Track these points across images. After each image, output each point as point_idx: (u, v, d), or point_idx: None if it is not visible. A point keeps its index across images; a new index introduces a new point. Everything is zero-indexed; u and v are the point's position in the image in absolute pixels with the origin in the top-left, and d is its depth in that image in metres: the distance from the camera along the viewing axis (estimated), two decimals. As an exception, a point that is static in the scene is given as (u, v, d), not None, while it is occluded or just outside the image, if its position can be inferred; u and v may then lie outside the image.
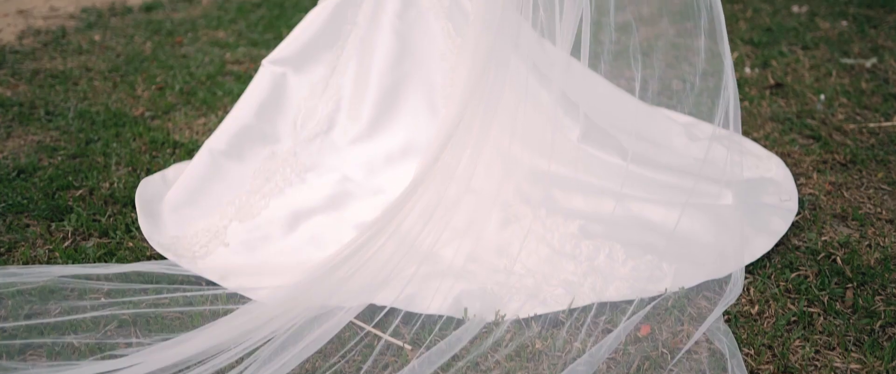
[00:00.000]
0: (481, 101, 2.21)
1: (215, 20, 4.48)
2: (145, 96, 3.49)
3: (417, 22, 2.80)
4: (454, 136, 2.20)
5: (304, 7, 4.71)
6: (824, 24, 4.55)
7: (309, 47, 2.81)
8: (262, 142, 2.70)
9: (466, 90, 2.14)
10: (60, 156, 2.92)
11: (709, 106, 3.47)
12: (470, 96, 2.15)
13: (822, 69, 3.86)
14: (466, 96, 2.14)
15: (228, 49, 4.05)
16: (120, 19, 4.50)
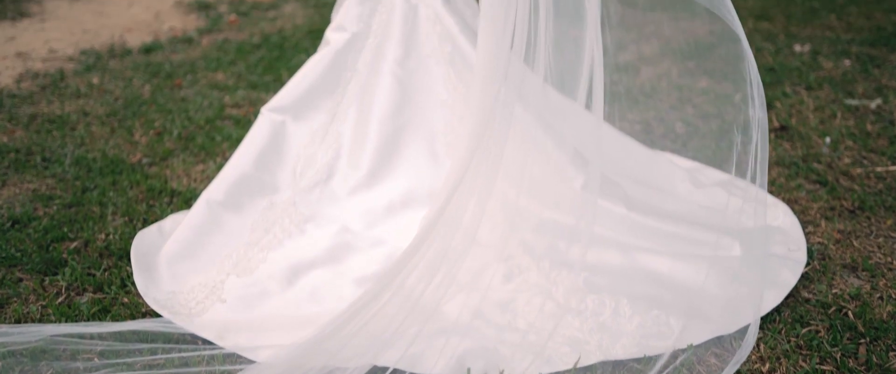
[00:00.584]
0: (487, 151, 2.17)
1: (214, 62, 4.46)
2: (143, 142, 3.46)
3: (418, 68, 2.77)
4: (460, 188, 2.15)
5: (303, 48, 4.69)
6: (827, 64, 4.52)
7: (309, 94, 2.77)
8: (260, 192, 2.65)
9: (472, 141, 2.10)
10: (56, 205, 2.88)
11: (712, 149, 3.44)
12: (476, 148, 2.11)
13: (826, 110, 3.83)
14: (472, 147, 2.10)
15: (228, 92, 4.02)
16: (119, 61, 4.48)
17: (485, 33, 2.08)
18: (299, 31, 4.99)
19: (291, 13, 5.45)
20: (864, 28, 5.24)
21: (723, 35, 5.09)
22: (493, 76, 2.09)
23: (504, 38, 2.10)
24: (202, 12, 5.39)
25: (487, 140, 2.16)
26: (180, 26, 5.13)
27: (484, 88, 2.09)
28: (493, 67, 2.08)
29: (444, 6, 2.77)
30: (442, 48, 2.75)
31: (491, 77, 2.08)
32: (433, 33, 2.76)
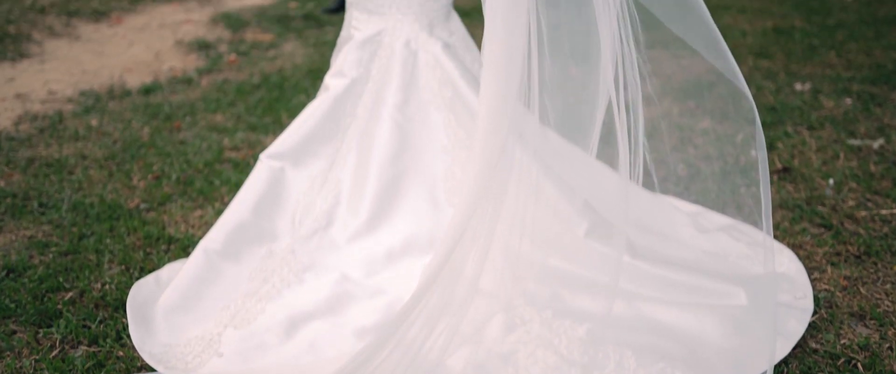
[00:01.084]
0: (490, 200, 2.14)
1: (214, 103, 4.44)
2: (141, 186, 3.43)
3: (418, 114, 2.75)
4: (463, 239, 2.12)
5: (303, 88, 4.69)
6: (828, 103, 4.51)
7: (308, 140, 2.75)
8: (259, 240, 2.62)
9: (475, 193, 2.07)
10: (52, 253, 2.85)
11: (715, 192, 3.41)
12: (479, 199, 2.08)
13: (829, 151, 3.80)
14: (475, 199, 2.07)
15: (227, 134, 4.00)
16: (118, 103, 4.46)
17: (488, 83, 2.06)
18: (299, 71, 4.99)
19: (291, 52, 5.45)
20: (864, 65, 5.24)
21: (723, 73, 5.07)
22: (498, 128, 2.06)
23: (509, 88, 2.08)
24: (202, 52, 5.39)
25: (491, 190, 2.13)
26: (180, 66, 5.13)
27: (487, 140, 2.06)
28: (497, 119, 2.06)
29: (444, 52, 2.76)
30: (442, 93, 2.74)
31: (495, 129, 2.06)
32: (433, 79, 2.74)
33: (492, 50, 2.06)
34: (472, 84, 2.73)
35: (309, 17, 6.20)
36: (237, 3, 6.64)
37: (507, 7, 2.05)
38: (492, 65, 2.09)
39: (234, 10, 6.36)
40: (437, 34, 2.80)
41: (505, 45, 2.07)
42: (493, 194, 2.12)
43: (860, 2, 7.15)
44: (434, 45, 2.76)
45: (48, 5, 5.90)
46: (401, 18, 2.76)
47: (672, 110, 4.34)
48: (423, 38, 2.77)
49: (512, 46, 2.08)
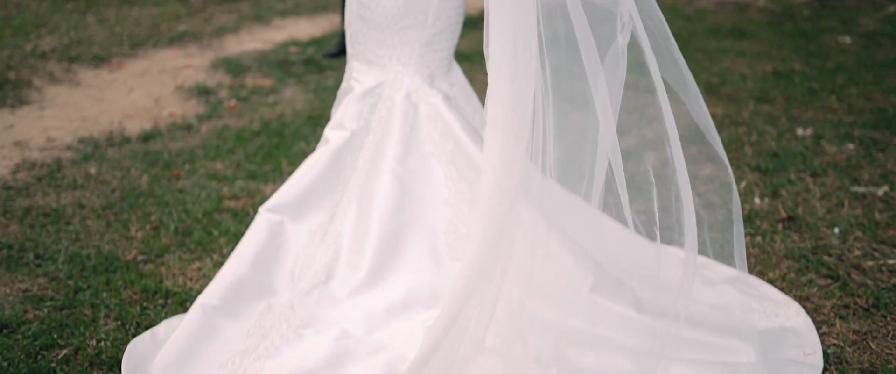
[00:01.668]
0: (497, 263, 2.11)
1: (213, 150, 4.42)
2: (139, 237, 3.39)
3: (419, 167, 2.72)
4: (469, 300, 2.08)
5: (303, 135, 4.67)
6: (831, 148, 4.49)
7: (307, 193, 2.72)
8: (257, 295, 2.58)
9: (481, 254, 2.04)
10: (47, 307, 2.80)
11: (720, 242, 3.37)
12: (485, 262, 2.04)
13: (833, 199, 3.77)
14: (482, 260, 2.03)
15: (226, 183, 3.97)
16: (117, 150, 4.44)
17: (494, 143, 2.03)
18: (299, 118, 4.98)
19: (291, 98, 5.45)
20: (865, 110, 5.23)
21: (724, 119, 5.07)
22: (504, 190, 2.03)
23: (516, 149, 2.05)
24: (202, 97, 5.38)
25: (497, 249, 2.10)
26: (180, 112, 5.11)
27: (493, 203, 2.03)
28: (503, 181, 2.03)
29: (445, 104, 2.75)
30: (443, 146, 2.71)
31: (501, 191, 2.03)
32: (434, 131, 2.72)
33: (497, 108, 2.04)
34: (474, 136, 2.70)
35: (309, 61, 6.21)
36: (238, 47, 6.66)
37: (513, 61, 2.03)
38: (497, 123, 2.06)
39: (235, 54, 6.37)
40: (437, 86, 2.79)
41: (511, 103, 2.04)
42: (500, 256, 2.09)
43: (858, 45, 7.17)
44: (435, 97, 2.75)
45: (49, 50, 5.91)
46: (401, 70, 2.75)
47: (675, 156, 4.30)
48: (424, 90, 2.75)
49: (519, 104, 2.05)
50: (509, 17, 2.05)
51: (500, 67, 2.05)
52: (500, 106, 2.06)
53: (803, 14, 8.35)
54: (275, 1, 8.08)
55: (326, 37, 7.01)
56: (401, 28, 2.70)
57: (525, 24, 2.11)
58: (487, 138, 2.03)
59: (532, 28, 2.14)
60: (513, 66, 2.05)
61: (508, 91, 2.05)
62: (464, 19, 2.89)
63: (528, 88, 2.11)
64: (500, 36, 2.06)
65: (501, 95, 2.06)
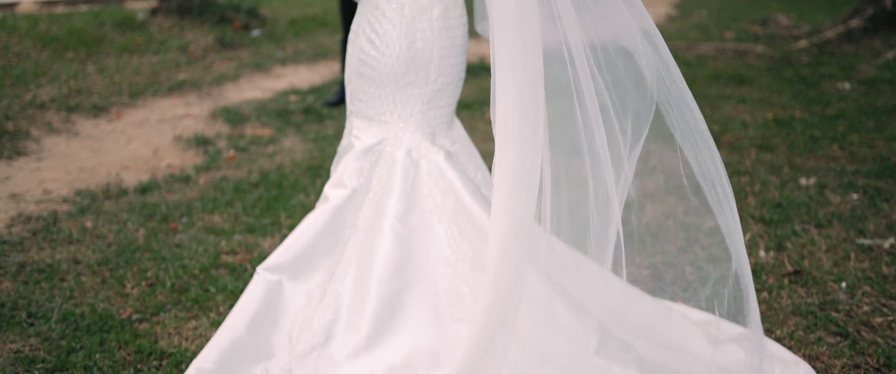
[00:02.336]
0: (503, 330, 2.05)
1: (211, 202, 4.38)
2: (134, 294, 3.33)
3: (420, 225, 2.68)
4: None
5: (302, 186, 4.63)
6: (835, 198, 4.44)
7: (306, 253, 2.67)
8: (254, 358, 2.52)
9: (488, 324, 1.98)
10: (38, 370, 2.73)
11: (726, 298, 3.31)
12: (492, 331, 1.99)
13: (839, 251, 3.72)
14: (488, 332, 1.98)
15: (224, 236, 3.92)
16: (114, 203, 4.40)
17: (501, 206, 1.99)
18: (298, 168, 4.94)
19: (290, 147, 5.42)
20: (868, 158, 5.20)
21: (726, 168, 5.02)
22: (511, 256, 1.98)
23: (525, 213, 2.01)
24: (201, 148, 5.35)
25: (504, 317, 2.05)
26: (178, 163, 5.08)
27: (500, 269, 1.98)
28: (511, 246, 1.98)
29: (447, 161, 2.71)
30: (445, 204, 2.67)
31: (508, 257, 1.98)
32: (436, 189, 2.68)
33: (504, 173, 2.01)
34: (476, 194, 2.66)
35: (309, 110, 6.19)
36: (237, 95, 6.65)
37: (522, 125, 2.00)
38: (504, 186, 2.03)
39: (234, 103, 6.36)
40: (439, 143, 2.75)
41: (519, 169, 2.01)
42: (507, 323, 2.04)
43: (858, 91, 7.17)
44: (436, 154, 2.71)
45: (48, 100, 5.89)
46: (402, 127, 2.72)
47: (677, 208, 4.27)
48: (425, 147, 2.71)
49: (527, 171, 2.02)
50: (517, 86, 2.04)
51: (507, 136, 2.02)
52: (509, 173, 2.02)
53: (802, 60, 8.37)
54: (275, 49, 8.10)
55: (326, 85, 7.01)
56: (402, 85, 2.67)
57: (533, 92, 2.09)
58: (495, 203, 1.99)
59: (541, 96, 2.12)
60: (520, 136, 2.02)
61: (516, 156, 2.01)
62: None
63: (536, 153, 2.07)
64: (507, 99, 2.04)
65: (509, 162, 2.02)
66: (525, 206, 2.03)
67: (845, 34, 8.93)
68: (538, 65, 2.12)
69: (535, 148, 2.07)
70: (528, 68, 2.10)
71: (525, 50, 2.13)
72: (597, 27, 2.47)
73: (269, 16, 9.15)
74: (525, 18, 2.17)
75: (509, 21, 2.17)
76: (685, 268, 3.59)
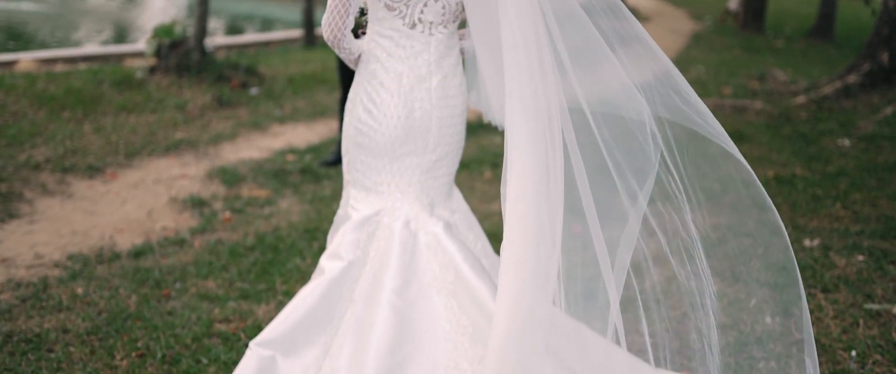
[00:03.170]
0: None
1: (206, 267, 4.29)
2: (124, 366, 3.23)
3: (418, 299, 2.60)
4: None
5: (298, 250, 4.55)
6: (840, 261, 4.37)
7: (300, 327, 2.59)
8: (246, 440, 2.42)
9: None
10: (21, 451, 2.63)
11: (733, 368, 3.22)
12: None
13: (847, 317, 3.64)
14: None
15: (218, 303, 3.83)
16: (107, 267, 4.31)
17: (509, 291, 1.92)
18: (295, 231, 4.87)
19: (287, 209, 5.35)
20: (872, 218, 5.14)
21: (728, 229, 4.94)
22: (519, 341, 1.91)
23: (535, 302, 1.93)
24: (196, 209, 5.28)
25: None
26: (173, 226, 5.01)
27: (506, 353, 1.90)
28: (519, 333, 1.91)
29: (446, 232, 2.64)
30: (444, 277, 2.59)
31: (515, 342, 1.90)
32: (434, 261, 2.61)
33: (513, 252, 1.95)
34: (476, 266, 2.59)
35: (306, 170, 6.14)
36: (234, 155, 6.60)
37: (537, 210, 1.94)
38: (513, 267, 1.97)
39: (231, 163, 6.31)
40: (437, 213, 2.69)
41: (531, 253, 1.95)
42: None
43: (858, 148, 7.14)
44: (435, 225, 2.64)
45: (43, 161, 5.83)
46: (400, 197, 2.66)
47: (679, 272, 4.18)
48: (423, 218, 2.65)
49: (540, 255, 1.96)
50: (530, 161, 1.99)
51: (515, 222, 1.96)
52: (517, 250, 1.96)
53: (801, 116, 8.36)
54: (273, 107, 8.08)
55: (324, 144, 6.97)
56: (400, 155, 2.62)
57: (552, 173, 2.04)
58: (501, 283, 1.93)
59: (560, 183, 2.08)
60: (535, 228, 1.97)
61: (526, 238, 1.96)
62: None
63: (553, 249, 2.02)
64: (522, 181, 2.00)
65: (517, 239, 1.97)
66: (533, 291, 1.96)
67: (843, 90, 8.93)
68: (558, 148, 2.09)
69: (547, 244, 2.01)
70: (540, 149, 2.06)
71: (538, 130, 2.09)
72: (589, 84, 2.46)
73: (267, 73, 9.15)
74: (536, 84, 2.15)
75: (524, 87, 2.15)
76: (690, 335, 3.50)
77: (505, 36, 2.18)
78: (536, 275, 2.01)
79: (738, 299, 3.88)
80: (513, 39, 2.16)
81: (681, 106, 2.83)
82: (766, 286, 4.08)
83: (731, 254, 4.50)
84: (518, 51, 2.19)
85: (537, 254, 2.02)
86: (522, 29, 2.21)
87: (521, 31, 2.20)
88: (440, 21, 2.55)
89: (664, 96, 2.84)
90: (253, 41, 13.85)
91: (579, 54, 2.46)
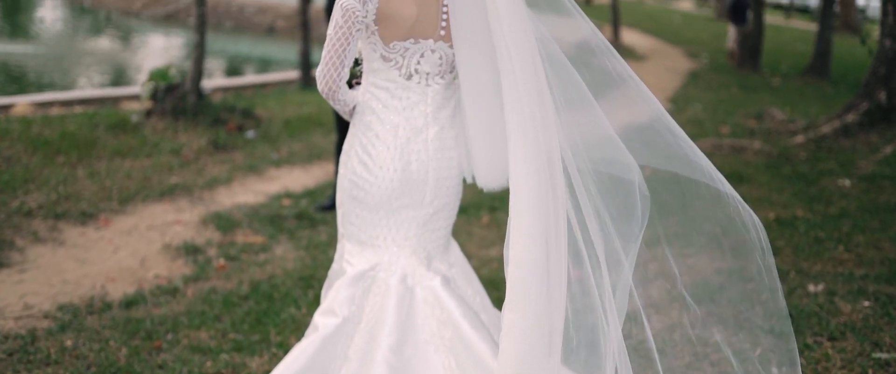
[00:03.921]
0: None
1: (199, 317, 4.20)
2: (112, 424, 3.13)
3: (415, 357, 2.52)
4: None
5: (293, 298, 4.46)
6: (846, 307, 4.29)
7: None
8: None
9: None
10: None
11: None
12: None
13: (855, 367, 3.55)
14: None
15: (210, 356, 3.74)
16: (97, 318, 4.22)
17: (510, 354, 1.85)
18: (290, 278, 4.78)
19: (282, 255, 5.27)
20: (876, 261, 5.06)
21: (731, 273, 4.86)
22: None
23: (548, 357, 1.87)
24: (190, 257, 5.20)
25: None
26: (166, 274, 4.92)
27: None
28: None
29: (444, 287, 2.56)
30: (441, 334, 2.51)
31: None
32: (432, 317, 2.53)
33: (515, 319, 1.88)
34: (474, 322, 2.51)
35: (302, 215, 6.06)
36: (229, 200, 6.53)
37: (539, 276, 1.89)
38: (515, 332, 1.90)
39: (226, 208, 6.23)
40: (435, 267, 2.62)
41: (533, 320, 1.89)
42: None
43: (859, 188, 7.09)
44: (432, 280, 2.57)
45: (36, 207, 5.76)
46: (397, 252, 2.58)
47: (683, 319, 4.09)
48: (420, 273, 2.57)
49: (541, 321, 1.90)
50: (539, 222, 1.94)
51: (517, 287, 1.90)
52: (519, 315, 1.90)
53: (801, 156, 8.32)
54: (269, 150, 8.03)
55: (320, 187, 6.91)
56: (396, 208, 2.55)
57: (555, 231, 1.99)
58: (503, 349, 1.86)
59: (563, 236, 2.03)
60: (538, 288, 1.92)
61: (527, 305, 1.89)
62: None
63: (552, 305, 1.96)
64: (524, 244, 1.95)
65: (520, 315, 1.91)
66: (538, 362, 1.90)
67: (841, 129, 8.91)
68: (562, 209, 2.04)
69: (549, 304, 1.95)
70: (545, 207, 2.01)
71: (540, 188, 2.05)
72: (580, 130, 2.43)
73: (264, 116, 9.12)
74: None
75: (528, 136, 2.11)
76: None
77: (506, 88, 2.14)
78: (539, 340, 1.94)
79: (741, 350, 3.79)
80: (516, 93, 2.13)
81: (674, 150, 2.78)
82: (771, 334, 3.99)
83: (733, 300, 4.42)
84: (522, 104, 2.15)
85: (538, 321, 1.95)
86: (525, 80, 2.17)
87: (524, 83, 2.16)
88: (437, 72, 2.50)
89: (655, 142, 2.79)
90: (250, 83, 13.85)
91: (568, 102, 2.43)
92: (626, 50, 19.27)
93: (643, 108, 2.73)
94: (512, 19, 2.21)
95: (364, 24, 2.41)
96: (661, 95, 13.16)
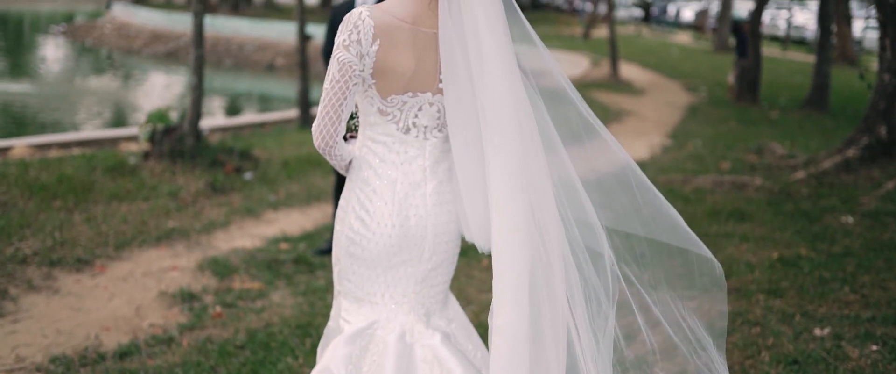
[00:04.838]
0: None
1: (194, 368, 4.12)
2: None
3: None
4: None
5: (290, 348, 4.38)
6: (853, 351, 4.21)
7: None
8: None
9: None
10: None
11: None
12: None
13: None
14: None
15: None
16: (90, 370, 4.14)
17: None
18: (287, 326, 4.70)
19: (280, 302, 5.19)
20: (882, 302, 4.99)
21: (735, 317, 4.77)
22: None
23: None
24: (186, 304, 5.12)
25: None
26: (162, 322, 4.84)
27: None
28: None
29: (444, 344, 2.49)
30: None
31: None
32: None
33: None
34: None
35: (300, 260, 5.99)
36: (227, 244, 6.46)
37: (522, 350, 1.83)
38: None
39: (223, 253, 6.16)
40: (434, 324, 2.55)
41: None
42: None
43: (862, 225, 7.02)
44: (432, 337, 2.50)
45: (30, 254, 5.69)
46: (395, 309, 2.52)
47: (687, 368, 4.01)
48: (419, 330, 2.51)
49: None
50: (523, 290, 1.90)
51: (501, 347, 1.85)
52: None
53: (802, 193, 8.27)
54: (267, 192, 7.98)
55: (318, 230, 6.85)
56: (394, 264, 2.49)
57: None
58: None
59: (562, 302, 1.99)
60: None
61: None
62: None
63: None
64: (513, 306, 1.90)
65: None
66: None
67: (842, 164, 8.87)
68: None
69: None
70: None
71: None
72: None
73: (262, 157, 9.07)
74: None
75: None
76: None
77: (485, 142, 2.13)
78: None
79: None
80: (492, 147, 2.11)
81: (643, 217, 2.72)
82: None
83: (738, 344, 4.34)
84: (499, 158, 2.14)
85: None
86: (502, 132, 2.15)
87: (501, 135, 2.15)
88: (435, 125, 2.45)
89: (622, 205, 2.74)
90: (248, 122, 13.84)
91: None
92: (625, 84, 19.30)
93: (610, 159, 2.69)
94: (495, 73, 2.19)
95: (361, 78, 2.36)
96: (661, 129, 13.14)
